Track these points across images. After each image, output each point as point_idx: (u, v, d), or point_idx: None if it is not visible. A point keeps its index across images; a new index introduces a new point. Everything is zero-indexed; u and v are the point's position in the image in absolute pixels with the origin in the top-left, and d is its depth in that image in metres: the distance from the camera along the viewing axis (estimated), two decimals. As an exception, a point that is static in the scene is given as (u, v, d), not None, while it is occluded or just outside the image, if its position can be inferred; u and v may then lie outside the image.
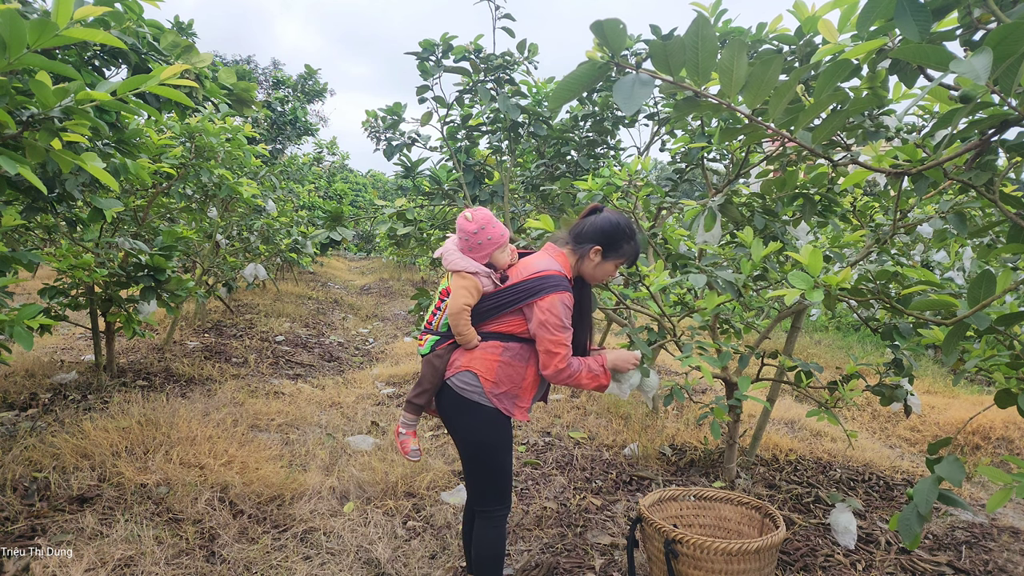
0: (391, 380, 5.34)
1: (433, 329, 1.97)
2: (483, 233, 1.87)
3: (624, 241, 1.90)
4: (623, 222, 1.91)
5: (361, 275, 17.13)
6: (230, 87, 5.10)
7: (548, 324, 1.79)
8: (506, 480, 1.94)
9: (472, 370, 1.87)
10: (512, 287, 1.87)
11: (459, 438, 1.94)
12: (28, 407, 3.71)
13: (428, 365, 1.94)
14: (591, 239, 1.89)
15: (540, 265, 1.86)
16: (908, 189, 2.57)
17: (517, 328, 1.87)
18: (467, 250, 1.90)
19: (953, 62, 0.98)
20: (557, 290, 1.80)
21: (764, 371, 3.77)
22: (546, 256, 1.91)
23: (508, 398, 1.88)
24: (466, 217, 1.89)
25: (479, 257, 1.89)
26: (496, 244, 1.89)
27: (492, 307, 1.88)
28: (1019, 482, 1.37)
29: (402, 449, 2.03)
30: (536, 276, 1.83)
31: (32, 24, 1.52)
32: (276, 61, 19.78)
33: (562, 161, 5.25)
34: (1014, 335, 1.72)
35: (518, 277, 1.88)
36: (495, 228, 1.88)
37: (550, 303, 1.79)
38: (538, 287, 1.82)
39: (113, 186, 2.02)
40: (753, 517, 2.29)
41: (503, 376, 1.86)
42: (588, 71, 1.20)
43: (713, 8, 2.90)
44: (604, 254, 1.90)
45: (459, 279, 1.88)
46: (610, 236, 1.88)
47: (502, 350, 1.87)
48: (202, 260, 6.38)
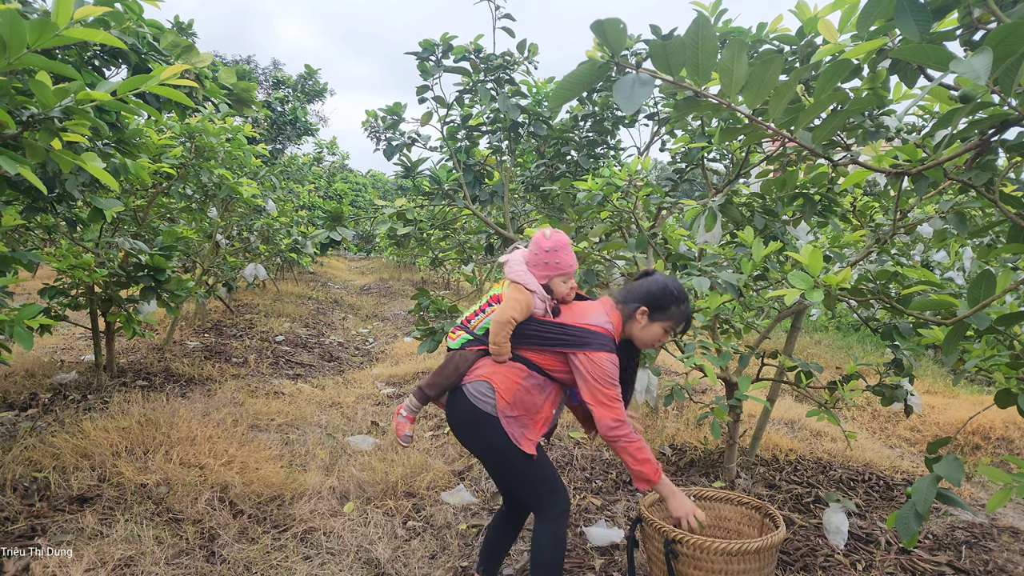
0: (391, 380, 5.34)
1: (470, 329, 1.95)
2: (554, 255, 1.86)
3: (673, 304, 1.89)
4: (673, 285, 1.91)
5: (361, 275, 17.13)
6: (230, 87, 5.10)
7: (598, 377, 1.78)
8: (547, 477, 1.91)
9: (491, 383, 1.85)
10: (562, 326, 1.85)
11: (478, 450, 1.92)
12: (28, 407, 3.71)
13: (451, 362, 1.93)
14: (638, 299, 1.89)
15: (595, 319, 1.85)
16: (908, 189, 2.57)
17: (551, 365, 1.87)
18: (532, 265, 1.88)
19: (953, 62, 0.98)
20: (605, 349, 1.81)
21: (764, 371, 3.76)
22: (602, 311, 1.89)
23: (518, 424, 1.85)
24: (544, 234, 1.88)
25: (540, 276, 1.88)
26: (561, 271, 1.87)
27: (535, 335, 1.86)
28: (1019, 482, 1.37)
29: (396, 431, 2.02)
30: (588, 328, 1.83)
31: (32, 24, 1.52)
32: (276, 61, 19.79)
33: (562, 161, 5.24)
34: (1014, 335, 1.72)
35: (570, 319, 1.87)
36: (567, 256, 1.88)
37: (598, 358, 1.79)
38: (587, 340, 1.81)
39: (113, 186, 2.02)
40: (753, 517, 2.29)
41: (519, 400, 1.85)
42: (588, 71, 1.20)
43: (713, 8, 2.90)
44: (651, 316, 1.89)
45: (515, 291, 1.86)
46: (657, 298, 1.88)
47: (526, 375, 1.86)
48: (202, 260, 6.38)
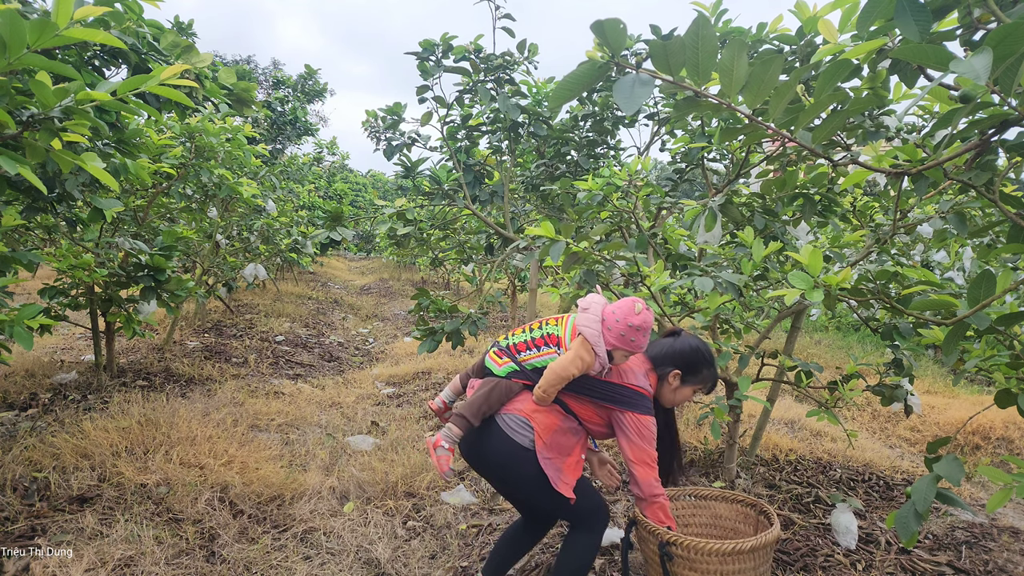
0: (391, 380, 5.34)
1: (518, 360, 1.89)
2: (634, 333, 1.81)
3: (704, 367, 1.91)
4: (703, 347, 1.93)
5: (361, 275, 17.13)
6: (230, 87, 5.10)
7: (645, 437, 1.81)
8: (585, 496, 1.91)
9: (531, 421, 1.84)
10: (612, 385, 1.85)
11: (510, 480, 1.90)
12: (28, 407, 3.71)
13: (495, 391, 1.87)
14: (672, 363, 1.90)
15: (641, 381, 1.87)
16: (908, 189, 2.57)
17: (588, 416, 1.88)
18: (608, 330, 1.81)
19: (953, 62, 0.98)
20: (650, 412, 1.85)
21: (764, 371, 3.76)
22: (643, 373, 1.90)
23: (553, 467, 1.84)
24: (635, 309, 1.81)
25: (610, 342, 1.82)
26: (632, 349, 1.84)
27: (583, 389, 1.86)
28: (1019, 482, 1.37)
29: (439, 466, 1.81)
30: (637, 390, 1.85)
31: (32, 24, 1.52)
32: (276, 61, 19.79)
33: (562, 161, 5.24)
34: (1014, 335, 1.72)
35: (618, 379, 1.86)
36: (644, 338, 1.83)
37: (646, 421, 1.83)
38: (636, 402, 1.84)
39: (113, 186, 2.02)
40: (748, 515, 2.29)
41: (554, 442, 1.85)
42: (588, 71, 1.20)
43: (713, 8, 2.90)
44: (683, 379, 1.91)
45: (584, 349, 1.81)
46: (691, 362, 1.90)
47: (564, 418, 1.87)
48: (202, 260, 6.38)
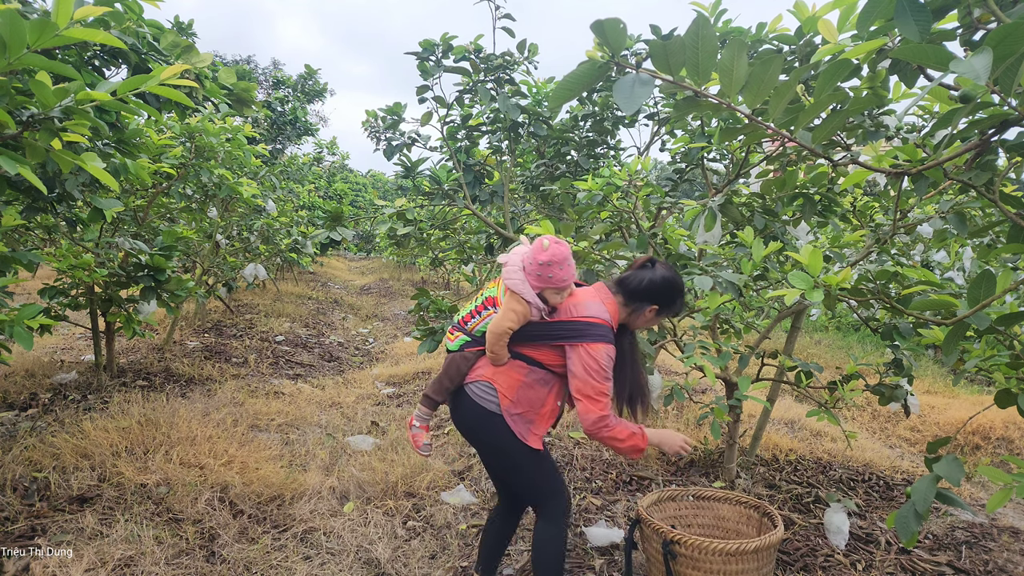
0: (391, 380, 5.34)
1: (467, 330, 1.94)
2: (548, 269, 1.79)
3: (678, 296, 1.91)
4: (676, 278, 1.91)
5: (361, 275, 17.13)
6: (230, 87, 5.10)
7: (591, 370, 1.77)
8: (549, 476, 1.92)
9: (493, 383, 1.86)
10: (559, 323, 1.84)
11: (483, 449, 1.93)
12: (28, 407, 3.71)
13: (452, 364, 1.93)
14: (649, 298, 1.88)
15: (592, 310, 1.84)
16: (908, 189, 2.57)
17: (549, 360, 1.87)
18: (528, 274, 1.83)
19: (953, 62, 0.98)
20: (604, 340, 1.79)
21: (764, 371, 3.76)
22: (598, 301, 1.87)
23: (523, 421, 1.86)
24: (543, 245, 1.80)
25: (535, 286, 1.83)
26: (554, 285, 1.82)
27: (533, 335, 1.86)
28: (1019, 482, 1.37)
29: (414, 443, 2.03)
30: (586, 320, 1.82)
31: (32, 24, 1.51)
32: (276, 61, 19.78)
33: (562, 161, 5.24)
34: (1014, 335, 1.72)
35: (567, 315, 1.84)
36: (562, 271, 1.80)
37: (596, 350, 1.78)
38: (585, 332, 1.80)
39: (113, 186, 2.02)
40: (751, 516, 2.29)
41: (522, 397, 1.85)
42: (588, 71, 1.20)
43: (713, 8, 2.89)
44: (659, 312, 1.91)
45: (513, 301, 1.83)
46: (668, 296, 1.89)
47: (527, 371, 1.86)
48: (202, 260, 6.38)
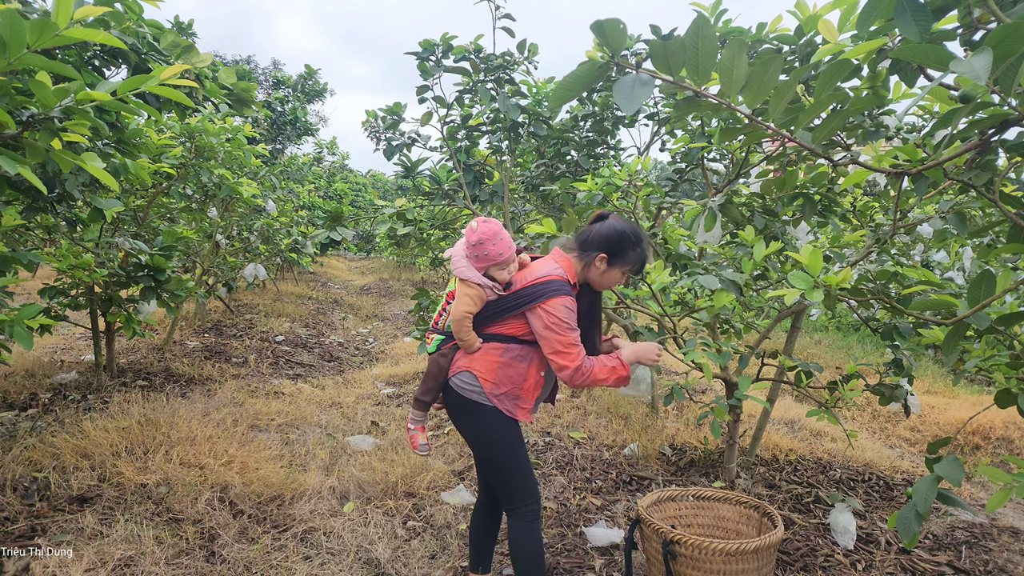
0: (391, 380, 5.34)
1: (439, 329, 2.00)
2: (480, 248, 1.84)
3: (630, 248, 1.90)
4: (629, 229, 1.91)
5: (361, 275, 17.12)
6: (230, 87, 5.10)
7: (553, 326, 1.80)
8: (525, 474, 1.94)
9: (472, 371, 1.89)
10: (515, 293, 1.87)
11: (467, 438, 1.98)
12: (28, 407, 3.71)
13: (434, 363, 1.98)
14: (596, 247, 1.89)
15: (543, 270, 1.87)
16: (908, 189, 2.57)
17: (518, 331, 1.89)
18: (468, 258, 1.89)
19: (953, 62, 0.98)
20: (558, 294, 1.81)
21: (764, 371, 3.76)
22: (550, 261, 1.91)
23: (509, 399, 1.89)
24: (471, 227, 1.87)
25: (478, 267, 1.88)
26: (493, 261, 1.85)
27: (495, 312, 1.90)
28: (1019, 482, 1.37)
29: (412, 444, 2.08)
30: (538, 282, 1.84)
31: (32, 24, 1.52)
32: (276, 61, 19.77)
33: (562, 161, 5.24)
34: (1014, 335, 1.72)
35: (521, 283, 1.88)
36: (495, 246, 1.83)
37: (552, 306, 1.80)
38: (539, 292, 1.82)
39: (113, 186, 2.02)
40: (751, 516, 2.29)
41: (503, 377, 1.88)
42: (588, 71, 1.20)
43: (713, 8, 2.90)
44: (610, 262, 1.90)
45: (464, 287, 1.89)
46: (616, 244, 1.88)
47: (502, 351, 1.88)
48: (202, 260, 6.38)
